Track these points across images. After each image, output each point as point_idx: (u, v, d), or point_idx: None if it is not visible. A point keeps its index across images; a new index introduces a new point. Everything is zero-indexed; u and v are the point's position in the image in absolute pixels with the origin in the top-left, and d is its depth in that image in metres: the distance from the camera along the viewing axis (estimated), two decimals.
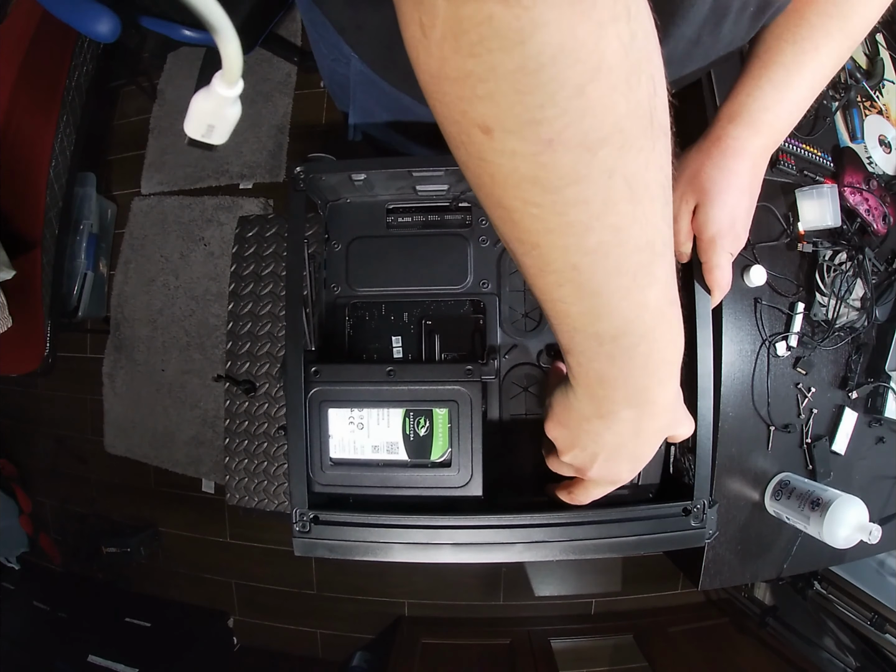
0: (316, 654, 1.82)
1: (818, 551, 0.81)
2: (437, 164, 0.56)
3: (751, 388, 0.78)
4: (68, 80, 1.51)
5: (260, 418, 1.00)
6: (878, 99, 0.87)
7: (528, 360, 0.65)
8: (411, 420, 0.54)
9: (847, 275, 0.77)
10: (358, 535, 0.51)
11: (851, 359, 0.81)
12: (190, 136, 0.37)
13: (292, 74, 1.81)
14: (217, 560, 1.83)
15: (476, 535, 0.50)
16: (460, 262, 0.64)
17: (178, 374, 1.83)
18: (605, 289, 0.27)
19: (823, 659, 1.25)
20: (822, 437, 0.81)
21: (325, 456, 0.54)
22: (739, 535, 0.79)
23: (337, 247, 0.65)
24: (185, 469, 1.84)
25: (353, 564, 1.54)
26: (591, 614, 1.75)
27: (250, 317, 0.99)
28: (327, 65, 0.66)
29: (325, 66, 0.66)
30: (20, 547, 1.89)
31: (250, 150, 1.81)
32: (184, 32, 1.24)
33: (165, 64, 1.91)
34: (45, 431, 1.98)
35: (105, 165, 1.91)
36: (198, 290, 1.82)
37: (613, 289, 0.27)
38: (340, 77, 0.64)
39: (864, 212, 0.79)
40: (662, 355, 0.32)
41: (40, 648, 1.61)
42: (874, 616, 1.11)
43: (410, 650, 1.54)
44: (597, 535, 0.50)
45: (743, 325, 0.78)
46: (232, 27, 0.28)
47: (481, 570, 1.73)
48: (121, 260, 1.89)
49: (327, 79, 0.70)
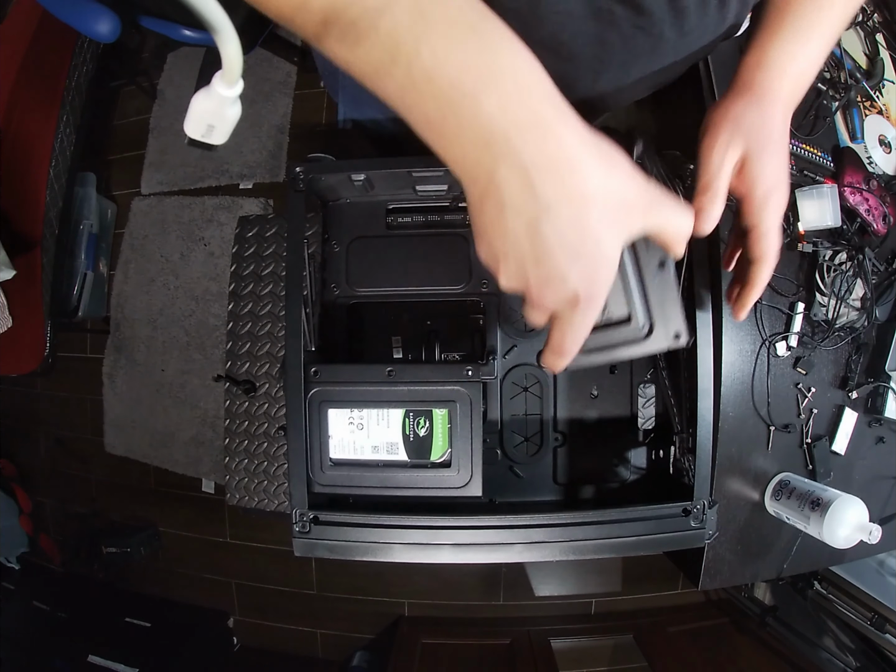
0: (316, 654, 1.81)
1: (818, 551, 0.81)
2: (437, 164, 0.56)
3: (751, 389, 0.78)
4: (68, 80, 1.51)
5: (260, 418, 1.00)
6: (878, 99, 0.87)
7: (527, 360, 0.65)
8: (411, 420, 0.54)
9: (847, 275, 0.77)
10: (358, 536, 0.51)
11: (851, 359, 0.81)
12: (190, 136, 0.37)
13: (292, 74, 1.81)
14: (217, 560, 1.83)
15: (476, 536, 0.50)
16: (460, 262, 0.64)
17: (178, 374, 1.83)
18: None
19: (823, 659, 1.24)
20: (822, 437, 0.81)
21: (324, 456, 0.54)
22: (739, 535, 0.79)
23: (337, 247, 0.65)
24: (185, 469, 1.84)
25: (353, 564, 1.54)
26: (591, 614, 1.74)
27: (250, 317, 0.99)
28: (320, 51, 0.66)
29: (318, 51, 0.67)
30: (20, 547, 1.89)
31: (250, 150, 1.81)
32: (184, 32, 1.24)
33: (165, 64, 1.90)
34: (45, 431, 1.98)
35: (105, 165, 1.91)
36: (198, 290, 1.82)
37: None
38: (330, 63, 0.65)
39: (864, 212, 0.79)
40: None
41: (40, 648, 1.61)
42: (874, 616, 1.11)
43: (410, 650, 1.54)
44: (597, 536, 0.50)
45: (743, 325, 0.78)
46: (232, 27, 0.28)
47: (481, 570, 1.73)
48: (121, 260, 1.89)
49: (320, 65, 0.70)
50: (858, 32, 0.88)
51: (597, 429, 0.65)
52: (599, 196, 0.29)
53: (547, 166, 0.27)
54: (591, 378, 0.66)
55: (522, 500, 0.65)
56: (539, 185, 0.28)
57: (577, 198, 0.28)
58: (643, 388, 0.66)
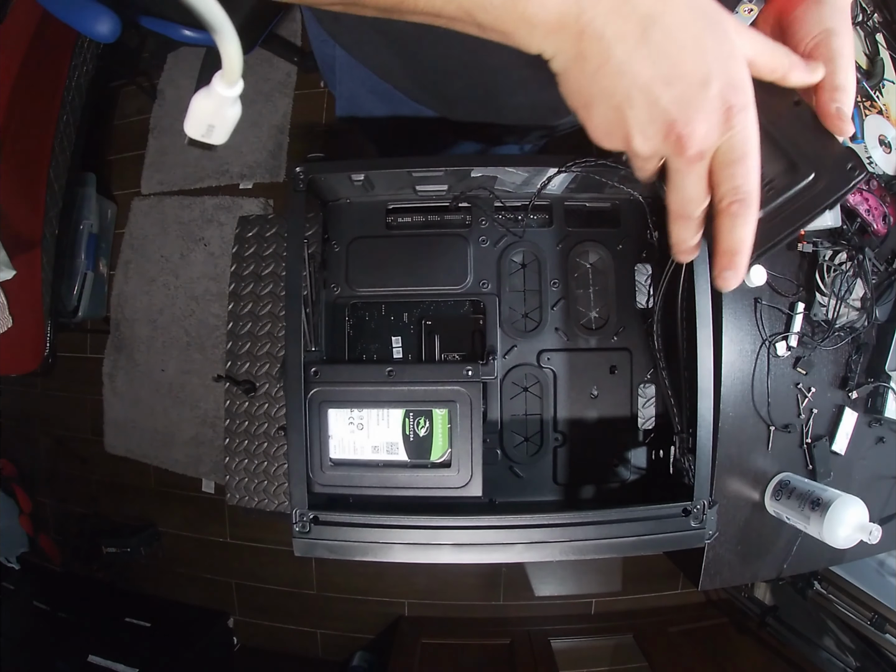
0: (316, 654, 1.82)
1: (818, 551, 0.81)
2: (437, 164, 0.56)
3: (751, 388, 0.78)
4: (68, 80, 1.51)
5: (260, 418, 1.00)
6: (878, 99, 0.87)
7: (527, 360, 0.65)
8: (411, 420, 0.54)
9: (847, 275, 0.77)
10: (358, 536, 0.51)
11: (851, 359, 0.81)
12: (190, 136, 0.37)
13: (292, 74, 1.81)
14: (217, 560, 1.83)
15: (476, 536, 0.50)
16: (460, 262, 0.64)
17: (178, 374, 1.83)
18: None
19: (823, 659, 1.25)
20: (822, 437, 0.81)
21: (324, 456, 0.54)
22: (739, 535, 0.79)
23: (337, 247, 0.65)
24: (185, 469, 1.84)
25: (353, 564, 1.54)
26: (591, 614, 1.75)
27: (250, 317, 0.99)
28: (318, 45, 0.67)
29: (317, 46, 0.68)
30: (20, 547, 1.89)
31: (250, 150, 1.81)
32: (184, 32, 1.24)
33: (165, 64, 1.90)
34: (45, 431, 1.98)
35: (105, 165, 1.91)
36: (198, 290, 1.82)
37: None
38: (329, 57, 0.65)
39: (864, 212, 0.79)
40: None
41: (40, 648, 1.61)
42: (874, 616, 1.11)
43: (410, 650, 1.54)
44: (597, 536, 0.50)
45: (743, 325, 0.78)
46: (232, 27, 0.28)
47: (481, 570, 1.73)
48: (121, 260, 1.89)
49: (318, 59, 0.71)
50: (858, 32, 0.88)
51: (597, 429, 0.65)
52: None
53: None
54: (591, 378, 0.66)
55: (522, 500, 0.65)
56: (632, 1, 0.26)
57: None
58: (643, 388, 0.66)
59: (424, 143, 0.73)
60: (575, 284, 0.66)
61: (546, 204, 0.65)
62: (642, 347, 0.65)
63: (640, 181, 0.33)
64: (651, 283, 0.66)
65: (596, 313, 0.66)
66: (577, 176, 0.57)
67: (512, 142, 0.74)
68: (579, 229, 0.65)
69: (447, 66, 0.54)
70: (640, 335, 0.65)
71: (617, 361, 0.65)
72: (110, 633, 1.65)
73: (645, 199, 0.61)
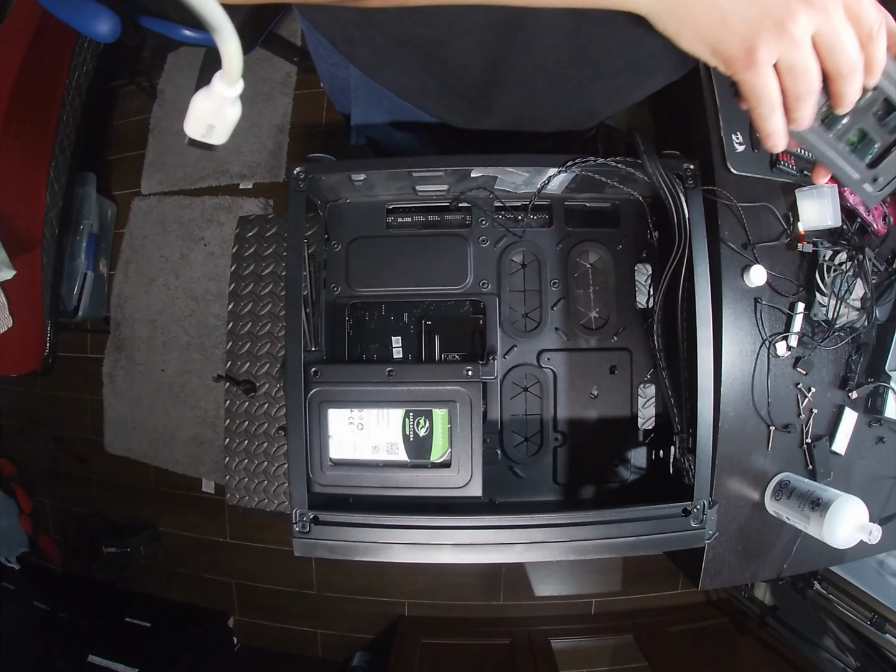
0: (316, 654, 1.82)
1: (818, 551, 0.81)
2: (437, 165, 0.56)
3: (751, 388, 0.78)
4: (68, 80, 1.50)
5: (260, 418, 1.00)
6: None
7: (527, 360, 0.65)
8: (411, 420, 0.54)
9: (847, 275, 0.77)
10: (358, 536, 0.51)
11: (851, 359, 0.81)
12: (190, 136, 0.37)
13: (292, 74, 1.81)
14: (217, 560, 1.83)
15: (476, 536, 0.50)
16: (460, 262, 0.64)
17: (178, 374, 1.83)
18: None
19: (823, 659, 1.25)
20: (822, 437, 0.81)
21: (324, 456, 0.54)
22: (739, 535, 0.79)
23: (337, 247, 0.65)
24: (185, 469, 1.84)
25: (353, 564, 1.54)
26: (591, 614, 1.74)
27: (250, 317, 0.99)
28: (327, 69, 0.66)
29: (325, 70, 0.67)
30: (20, 547, 1.89)
31: (250, 150, 1.80)
32: (184, 32, 1.24)
33: (165, 64, 1.90)
34: (45, 431, 1.98)
35: (105, 165, 1.91)
36: (198, 290, 1.82)
37: None
38: (341, 81, 0.64)
39: (864, 212, 0.79)
40: None
41: (40, 648, 1.60)
42: (874, 616, 1.11)
43: (410, 650, 1.54)
44: (597, 536, 0.50)
45: (743, 325, 0.78)
46: (232, 27, 0.28)
47: (481, 570, 1.73)
48: (121, 260, 1.89)
49: (327, 83, 0.70)
50: None
51: (597, 429, 0.65)
52: None
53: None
54: (591, 378, 0.66)
55: (522, 500, 0.65)
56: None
57: None
58: (643, 388, 0.66)
59: (427, 149, 0.72)
60: (575, 284, 0.66)
61: (546, 204, 0.65)
62: (642, 347, 0.65)
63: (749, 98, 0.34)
64: (651, 283, 0.66)
65: (596, 313, 0.66)
66: (577, 176, 0.57)
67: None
68: (579, 229, 0.66)
69: (475, 64, 0.51)
70: (640, 335, 0.65)
71: (617, 361, 0.65)
72: (110, 633, 1.65)
73: (645, 199, 0.61)
